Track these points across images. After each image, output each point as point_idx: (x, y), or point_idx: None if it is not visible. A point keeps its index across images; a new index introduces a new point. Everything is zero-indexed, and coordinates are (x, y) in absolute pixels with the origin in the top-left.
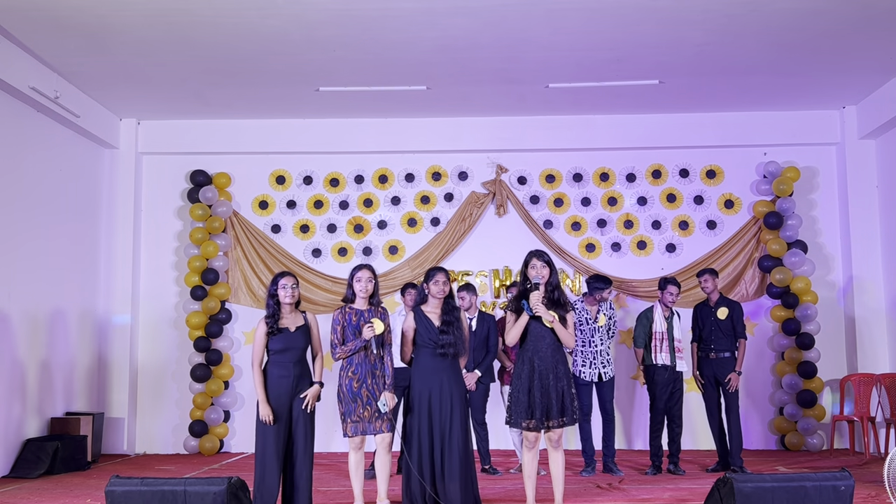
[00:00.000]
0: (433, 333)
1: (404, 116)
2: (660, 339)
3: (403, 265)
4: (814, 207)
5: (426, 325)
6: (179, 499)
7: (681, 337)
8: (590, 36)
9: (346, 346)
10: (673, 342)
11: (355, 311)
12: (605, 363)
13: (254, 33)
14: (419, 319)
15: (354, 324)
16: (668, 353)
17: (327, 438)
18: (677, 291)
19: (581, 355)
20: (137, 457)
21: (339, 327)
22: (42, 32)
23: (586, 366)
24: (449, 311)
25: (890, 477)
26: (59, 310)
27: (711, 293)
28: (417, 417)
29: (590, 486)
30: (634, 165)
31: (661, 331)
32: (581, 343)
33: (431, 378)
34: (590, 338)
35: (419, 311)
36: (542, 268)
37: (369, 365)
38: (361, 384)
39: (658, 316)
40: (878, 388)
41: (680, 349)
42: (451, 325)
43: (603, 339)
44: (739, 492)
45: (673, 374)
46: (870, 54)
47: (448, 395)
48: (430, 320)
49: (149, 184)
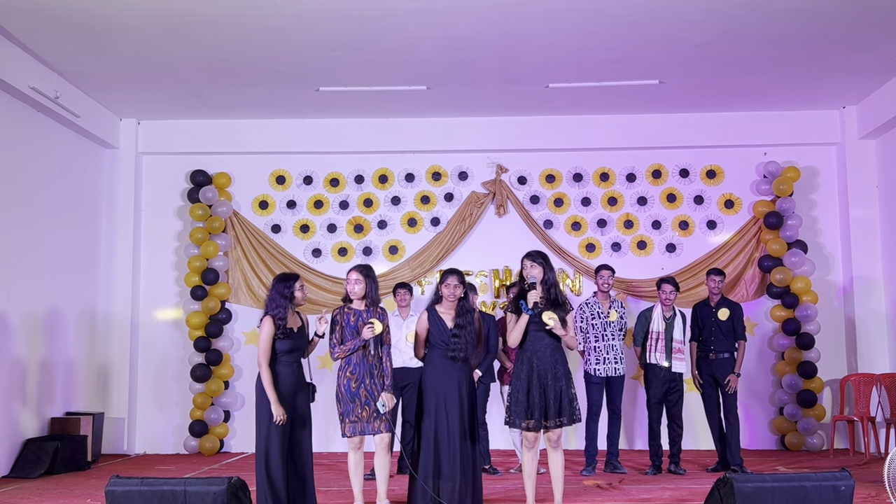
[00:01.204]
0: (445, 335)
1: (404, 116)
2: (655, 338)
3: (403, 265)
4: (814, 207)
5: (439, 326)
6: (179, 499)
7: (682, 338)
8: (590, 36)
9: (344, 347)
10: (671, 343)
11: (353, 312)
12: (617, 359)
13: (254, 33)
14: (433, 320)
15: (353, 324)
16: (663, 353)
17: (327, 438)
18: (670, 289)
19: (595, 352)
20: (137, 457)
21: (337, 327)
22: (42, 32)
23: (600, 363)
24: (463, 313)
25: (890, 477)
26: (59, 309)
27: (717, 294)
28: (428, 420)
29: (590, 486)
30: (634, 165)
31: (657, 331)
32: (594, 339)
33: (444, 381)
34: (602, 332)
35: (433, 311)
36: (532, 267)
37: (367, 365)
38: (360, 384)
39: (657, 316)
40: (878, 388)
41: (681, 350)
42: (463, 328)
43: (615, 335)
44: (739, 492)
45: (669, 375)
46: (870, 54)
47: (462, 398)
48: (444, 321)
49: (149, 184)
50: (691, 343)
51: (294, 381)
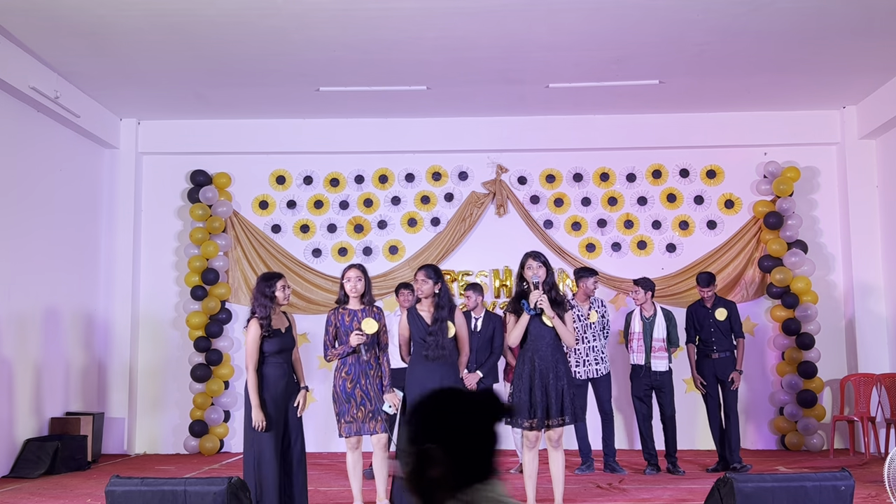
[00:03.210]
0: (423, 332)
1: (404, 116)
2: (634, 338)
3: (403, 265)
4: (814, 207)
5: (418, 324)
6: (179, 499)
7: (662, 337)
8: (590, 36)
9: (335, 350)
10: (650, 341)
11: (348, 312)
12: (598, 360)
13: (254, 33)
14: (412, 319)
15: (348, 324)
16: (642, 353)
17: (326, 438)
18: (636, 289)
19: (575, 354)
20: (137, 457)
21: (331, 328)
22: (42, 32)
23: (580, 364)
24: (437, 309)
25: (890, 477)
26: (59, 309)
27: (709, 300)
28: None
29: (590, 486)
30: (634, 165)
31: (636, 331)
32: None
33: (424, 380)
34: (582, 334)
35: (413, 310)
36: (539, 268)
37: (362, 365)
38: (355, 384)
39: (635, 316)
40: (878, 388)
41: (662, 349)
42: (437, 324)
43: (596, 336)
44: (739, 492)
45: (649, 374)
46: (870, 54)
47: None
48: (424, 319)
49: (149, 184)
50: (689, 345)
51: (284, 381)
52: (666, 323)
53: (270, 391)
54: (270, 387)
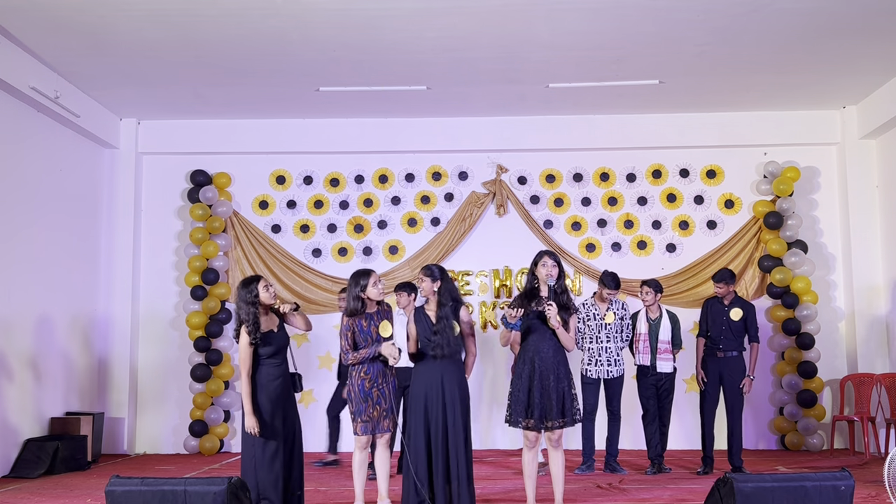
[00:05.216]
0: (428, 332)
1: (404, 116)
2: (640, 340)
3: (403, 265)
4: (814, 207)
5: (424, 324)
6: (179, 499)
7: (668, 339)
8: (590, 36)
9: (358, 353)
10: (656, 343)
11: (365, 316)
12: (610, 361)
13: (254, 33)
14: (418, 319)
15: (366, 329)
16: (648, 354)
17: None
18: (646, 290)
19: (588, 353)
20: (137, 457)
21: (349, 333)
22: (42, 32)
23: (592, 363)
24: (438, 307)
25: (890, 477)
26: (59, 309)
27: (726, 296)
28: (413, 417)
29: (590, 486)
30: (634, 165)
31: (642, 332)
32: (588, 340)
33: (428, 377)
34: (596, 334)
35: (420, 310)
36: (553, 267)
37: (381, 366)
38: (373, 385)
39: (641, 317)
40: (878, 388)
41: (668, 350)
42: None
43: (610, 337)
44: (739, 492)
45: (655, 375)
46: (870, 54)
47: (445, 395)
48: (429, 318)
49: (149, 184)
50: (698, 339)
51: (284, 382)
52: (671, 325)
53: (268, 394)
54: (270, 389)
